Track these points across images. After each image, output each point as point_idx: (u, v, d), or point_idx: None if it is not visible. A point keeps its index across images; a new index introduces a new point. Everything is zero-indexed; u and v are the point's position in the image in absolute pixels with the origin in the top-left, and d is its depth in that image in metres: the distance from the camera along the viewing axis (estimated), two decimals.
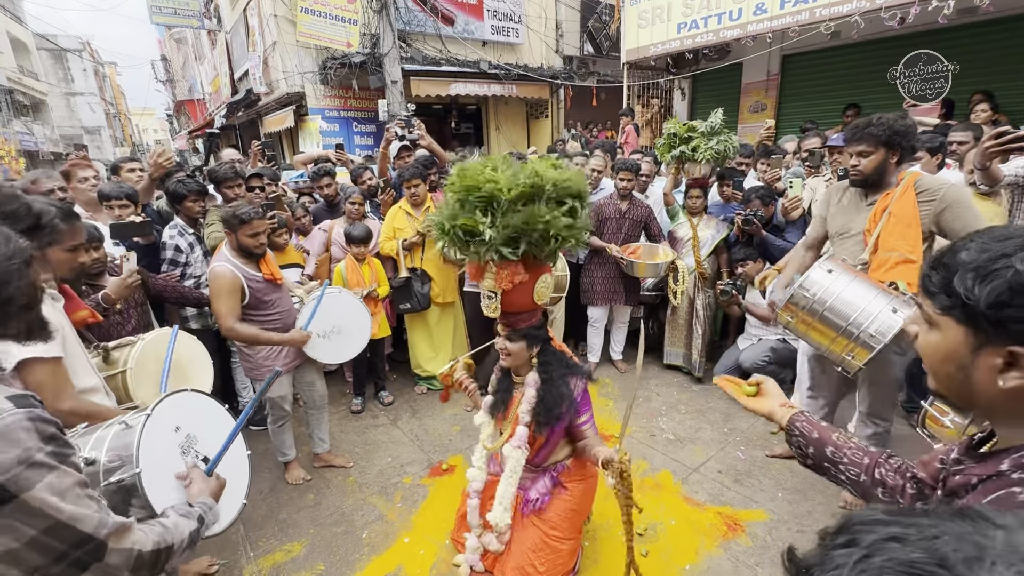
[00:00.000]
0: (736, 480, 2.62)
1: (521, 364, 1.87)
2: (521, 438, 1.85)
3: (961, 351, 0.61)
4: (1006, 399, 0.59)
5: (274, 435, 2.68)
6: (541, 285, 1.75)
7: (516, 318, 1.79)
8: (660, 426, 3.16)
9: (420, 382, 3.74)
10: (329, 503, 2.58)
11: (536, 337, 1.83)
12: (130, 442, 1.19)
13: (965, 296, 0.57)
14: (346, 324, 2.66)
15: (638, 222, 3.59)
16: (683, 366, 3.77)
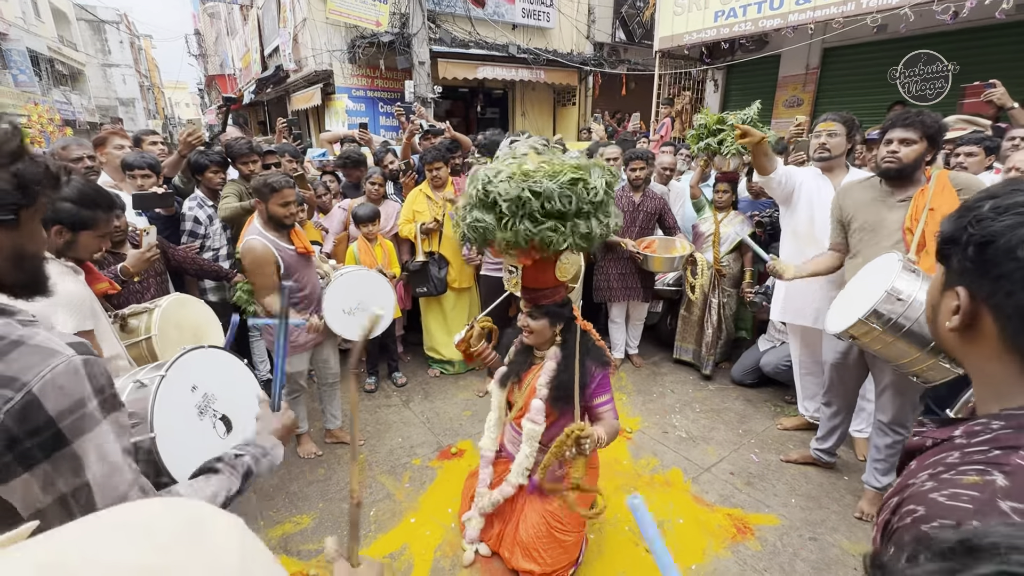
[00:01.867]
0: (748, 483, 2.57)
1: (543, 341, 1.85)
2: (537, 411, 1.84)
3: (935, 292, 0.65)
4: (957, 344, 0.61)
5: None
6: (565, 261, 1.72)
7: (538, 294, 1.77)
8: (673, 423, 3.13)
9: (433, 365, 3.76)
10: (339, 479, 2.62)
11: (559, 315, 1.80)
12: (145, 401, 1.16)
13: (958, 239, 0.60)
14: (370, 301, 2.69)
15: (652, 214, 3.52)
16: (692, 361, 3.74)
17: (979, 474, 0.52)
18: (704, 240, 3.49)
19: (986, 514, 0.47)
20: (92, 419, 0.73)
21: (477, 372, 3.72)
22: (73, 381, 0.70)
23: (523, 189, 1.49)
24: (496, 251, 1.72)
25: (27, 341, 0.70)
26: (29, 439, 0.66)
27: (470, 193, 1.64)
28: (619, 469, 2.65)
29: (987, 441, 0.55)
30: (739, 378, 3.52)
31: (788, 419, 3.11)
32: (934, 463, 0.58)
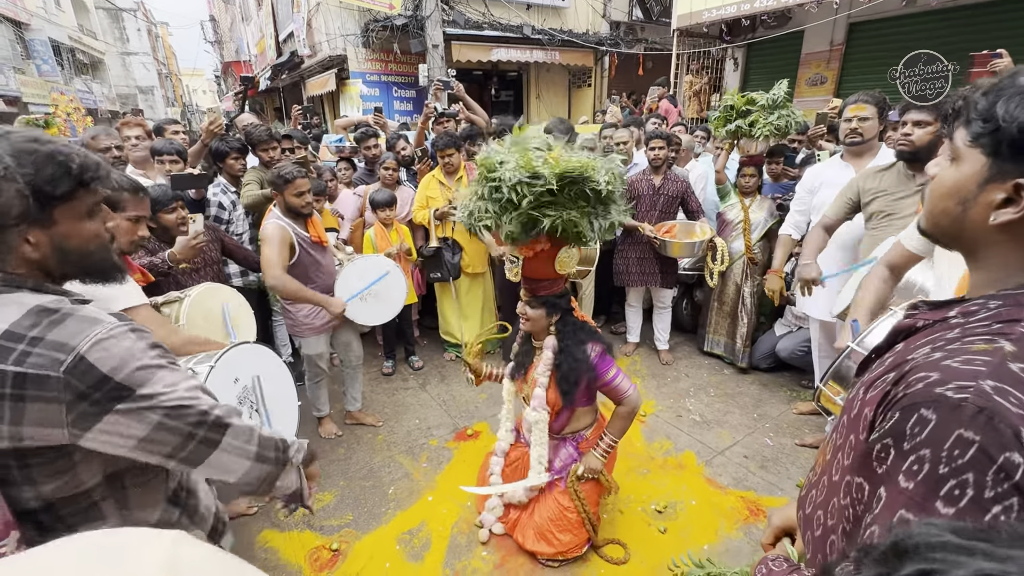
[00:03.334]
0: (762, 466, 2.58)
1: (540, 330, 1.89)
2: (539, 400, 1.89)
3: (970, 185, 0.59)
4: (993, 237, 0.58)
5: (310, 391, 2.81)
6: (564, 255, 1.74)
7: (537, 285, 1.80)
8: (687, 407, 3.14)
9: (449, 349, 3.81)
10: (359, 458, 2.71)
11: (556, 306, 1.83)
12: None
13: (1002, 118, 0.54)
14: (382, 289, 2.72)
15: (674, 198, 3.42)
16: (725, 356, 3.64)
17: (987, 342, 0.53)
18: (733, 228, 3.38)
19: (999, 376, 0.49)
20: (150, 368, 0.81)
21: (493, 356, 3.77)
22: (116, 343, 0.79)
23: (525, 180, 1.51)
24: (499, 239, 1.75)
25: (75, 313, 0.80)
26: (95, 391, 0.76)
27: (475, 178, 1.66)
28: (632, 452, 2.69)
29: (987, 317, 0.56)
30: (755, 362, 3.50)
31: (804, 404, 3.09)
32: (934, 339, 0.58)
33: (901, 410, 0.53)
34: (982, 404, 0.47)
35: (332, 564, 2.07)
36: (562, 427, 2.02)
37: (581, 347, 1.81)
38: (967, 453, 0.47)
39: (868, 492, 0.57)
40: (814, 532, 0.71)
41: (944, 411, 0.49)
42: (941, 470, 0.48)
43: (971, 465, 0.47)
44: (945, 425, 0.49)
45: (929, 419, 0.50)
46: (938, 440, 0.49)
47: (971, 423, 0.47)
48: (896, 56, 6.29)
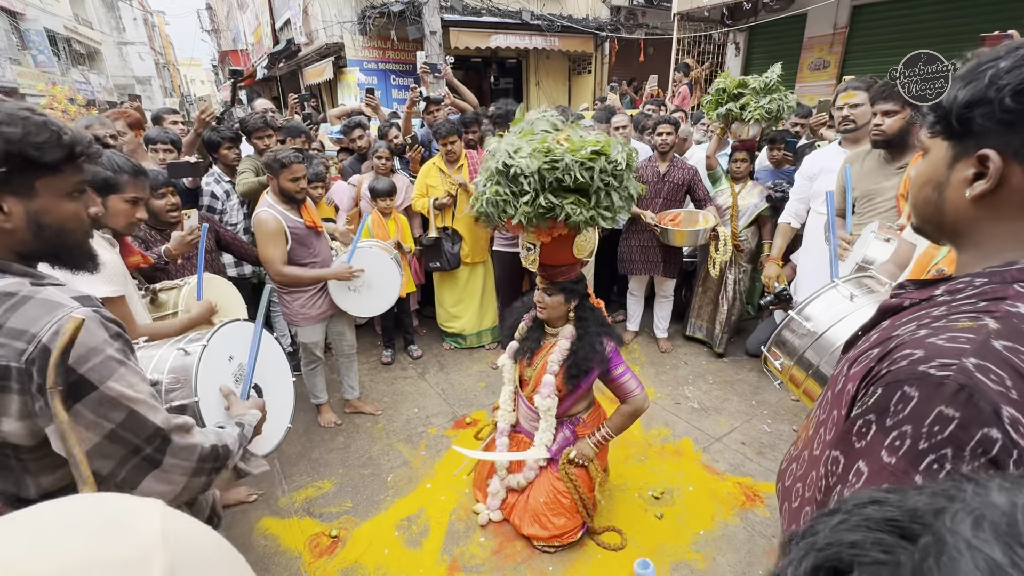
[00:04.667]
0: (759, 452, 2.59)
1: (557, 317, 1.87)
2: (548, 387, 1.89)
3: (940, 169, 0.61)
4: (973, 213, 0.60)
5: (307, 378, 2.82)
6: (582, 239, 1.74)
7: (555, 271, 1.79)
8: (685, 394, 3.14)
9: (447, 339, 3.81)
10: (358, 447, 2.72)
11: (574, 292, 1.82)
12: (189, 368, 1.26)
13: (947, 103, 0.58)
14: (376, 280, 2.71)
15: (679, 185, 3.38)
16: (704, 339, 3.68)
17: (971, 320, 0.54)
18: (722, 214, 3.38)
19: (982, 354, 0.50)
20: (113, 362, 0.78)
21: (489, 346, 3.77)
22: (83, 331, 0.74)
23: (544, 163, 1.49)
24: (514, 228, 1.72)
25: (35, 296, 0.75)
26: None
27: (489, 168, 1.64)
28: (630, 439, 2.69)
29: (972, 295, 0.57)
30: (753, 350, 3.49)
31: None
32: (919, 317, 0.60)
33: (884, 386, 0.54)
34: (964, 382, 0.49)
35: (331, 550, 2.08)
36: (563, 411, 2.03)
37: (599, 338, 1.82)
38: (947, 429, 0.48)
39: (843, 465, 0.57)
40: (791, 504, 0.72)
41: (927, 388, 0.50)
42: (921, 445, 0.50)
43: (950, 440, 0.48)
44: (927, 402, 0.50)
45: (912, 396, 0.51)
46: (920, 416, 0.50)
47: (952, 400, 0.48)
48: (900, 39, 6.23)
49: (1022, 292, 0.54)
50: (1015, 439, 0.46)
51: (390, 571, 1.98)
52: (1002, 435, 0.47)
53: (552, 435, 1.98)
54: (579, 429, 2.04)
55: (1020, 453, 0.46)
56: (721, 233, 3.24)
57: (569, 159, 1.48)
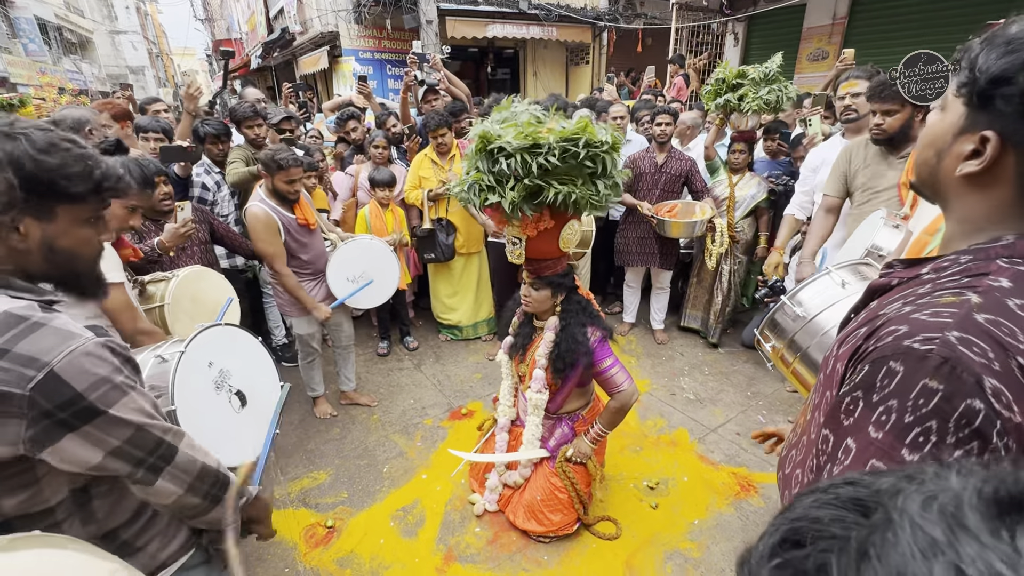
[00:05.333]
0: (754, 443, 2.58)
1: (544, 311, 1.87)
2: (539, 381, 1.88)
3: (947, 135, 0.60)
4: (960, 188, 0.60)
5: (303, 371, 2.81)
6: (568, 232, 1.72)
7: (541, 265, 1.77)
8: (681, 385, 3.15)
9: (443, 331, 3.81)
10: (353, 438, 2.72)
11: (561, 285, 1.81)
12: (166, 375, 1.22)
13: (978, 68, 0.55)
14: (374, 271, 2.70)
15: (677, 176, 3.37)
16: (700, 329, 3.69)
17: (955, 295, 0.54)
18: (719, 205, 3.37)
19: (964, 327, 0.50)
20: (122, 389, 0.79)
21: (486, 337, 3.78)
22: (93, 361, 0.76)
23: (528, 146, 1.47)
24: (499, 220, 1.70)
25: (48, 323, 0.75)
26: (62, 411, 0.73)
27: (472, 151, 1.62)
28: (626, 430, 2.69)
29: (957, 272, 0.58)
30: (749, 341, 3.50)
31: None
32: (906, 295, 0.60)
33: (871, 363, 0.54)
34: (946, 355, 0.49)
35: (327, 540, 2.09)
36: (558, 407, 2.02)
37: (582, 329, 1.80)
38: (931, 402, 0.49)
39: (833, 444, 0.58)
40: (791, 491, 0.72)
41: (911, 362, 0.51)
42: (907, 419, 0.50)
43: (935, 413, 0.49)
44: (912, 376, 0.51)
45: (897, 371, 0.52)
46: (905, 390, 0.51)
47: (936, 373, 0.49)
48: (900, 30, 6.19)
49: (1005, 267, 0.54)
50: (997, 409, 0.47)
51: (385, 561, 1.99)
52: (984, 405, 0.47)
53: (539, 431, 1.98)
54: (578, 426, 2.04)
55: (1003, 423, 0.47)
56: (718, 224, 3.24)
57: (553, 140, 1.46)
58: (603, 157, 1.54)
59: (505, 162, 1.50)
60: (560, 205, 1.55)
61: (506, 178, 1.54)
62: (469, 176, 1.63)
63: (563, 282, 1.81)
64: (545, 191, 1.53)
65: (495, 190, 1.57)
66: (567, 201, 1.54)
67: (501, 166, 1.51)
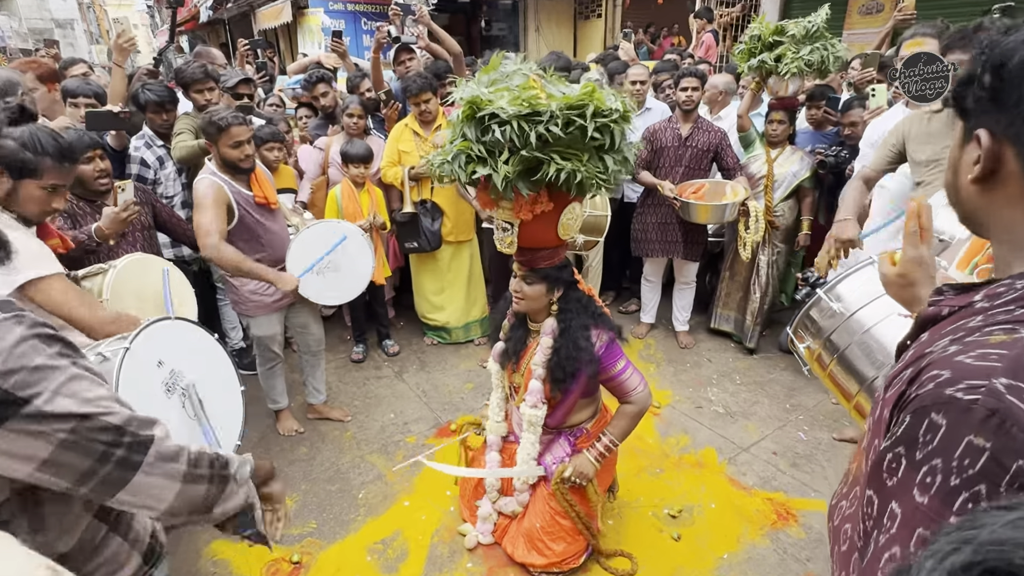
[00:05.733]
0: (793, 464, 2.62)
1: (538, 310, 1.87)
2: (536, 394, 1.89)
3: (956, 151, 0.67)
4: (979, 199, 0.64)
5: (263, 379, 2.81)
6: (568, 217, 1.71)
7: (536, 255, 1.77)
8: (709, 396, 3.17)
9: (428, 333, 3.82)
10: (323, 458, 2.73)
11: (558, 279, 1.81)
12: (109, 375, 1.22)
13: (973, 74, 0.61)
14: (344, 261, 2.69)
15: (705, 151, 3.37)
16: (733, 333, 3.70)
17: (1006, 333, 0.54)
18: (755, 183, 3.37)
19: (1015, 372, 0.50)
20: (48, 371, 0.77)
21: (479, 340, 3.79)
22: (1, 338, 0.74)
23: (525, 112, 1.47)
24: (487, 200, 1.70)
25: None
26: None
27: (457, 117, 1.61)
28: (644, 448, 2.71)
29: (1012, 301, 0.58)
30: (788, 345, 3.52)
31: None
32: (955, 329, 0.61)
33: (912, 414, 0.55)
34: (993, 406, 0.49)
35: None
36: (559, 422, 2.02)
37: (584, 332, 1.80)
38: (978, 462, 0.49)
39: (878, 507, 0.58)
40: (840, 547, 0.73)
41: (954, 415, 0.51)
42: (952, 482, 0.50)
43: (983, 475, 0.48)
44: (955, 430, 0.50)
45: (939, 424, 0.52)
46: (949, 448, 0.51)
47: (982, 428, 0.49)
48: None
49: None
50: None
51: None
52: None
53: (536, 450, 1.98)
54: (580, 442, 2.04)
55: None
56: (752, 208, 3.24)
57: (555, 107, 1.46)
58: (612, 128, 1.54)
59: (499, 130, 1.49)
60: (561, 184, 1.55)
61: (499, 148, 1.54)
62: (454, 145, 1.62)
63: (560, 276, 1.81)
64: (544, 166, 1.52)
65: (486, 162, 1.57)
66: (570, 180, 1.54)
67: (494, 135, 1.50)
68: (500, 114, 1.48)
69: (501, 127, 1.49)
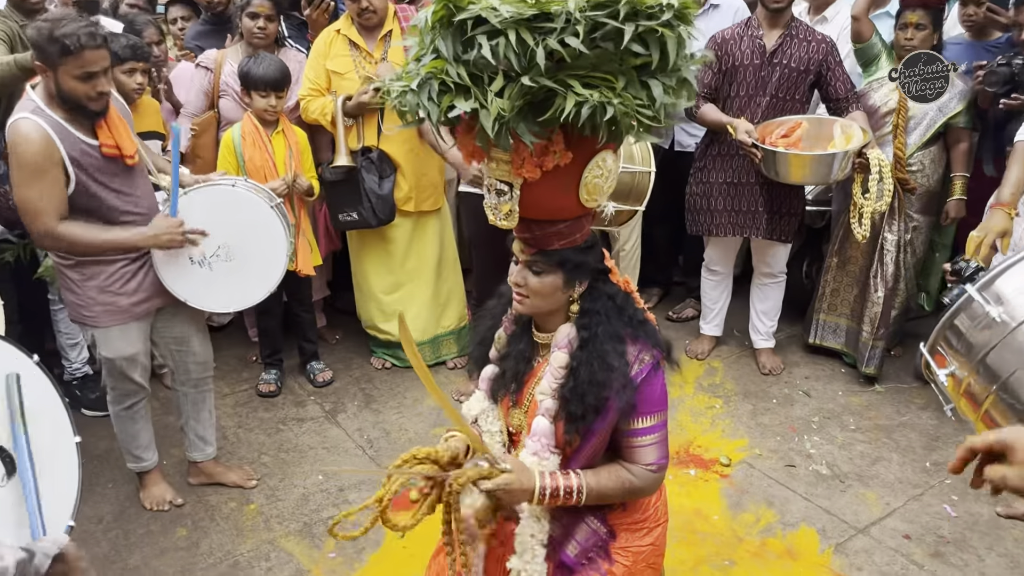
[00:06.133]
0: (936, 554, 2.60)
1: (551, 312, 1.84)
2: (543, 436, 1.84)
3: None
4: None
5: (119, 425, 2.77)
6: (595, 173, 1.69)
7: (547, 231, 1.74)
8: (806, 449, 3.15)
9: (377, 352, 3.82)
10: (213, 545, 2.70)
11: (580, 266, 1.78)
12: None
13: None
14: (244, 243, 2.67)
15: (802, 72, 3.36)
16: (842, 350, 3.71)
17: None
18: (879, 121, 3.37)
19: None
20: None
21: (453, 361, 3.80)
22: None
23: (528, 15, 1.43)
24: (472, 150, 1.67)
25: None
26: None
27: (423, 22, 1.58)
28: (706, 529, 2.70)
29: None
30: (924, 372, 3.51)
31: None
32: None
33: None
34: None
35: None
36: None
37: (617, 345, 1.77)
38: None
39: None
40: None
41: None
42: None
43: None
44: None
45: None
46: None
47: None
48: None
49: None
50: None
51: None
52: None
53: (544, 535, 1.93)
54: (613, 519, 2.01)
55: None
56: (875, 160, 3.19)
57: (573, 6, 1.43)
58: (662, 34, 1.52)
59: (488, 44, 1.46)
60: (583, 125, 1.52)
61: (489, 73, 1.51)
62: (421, 65, 1.59)
63: (584, 261, 1.78)
64: (557, 99, 1.49)
65: (469, 91, 1.54)
66: (597, 117, 1.51)
67: (480, 52, 1.47)
68: (490, 19, 1.45)
69: (492, 39, 1.46)
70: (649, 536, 2.00)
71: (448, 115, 1.58)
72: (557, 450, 1.88)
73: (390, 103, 1.68)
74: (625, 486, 1.86)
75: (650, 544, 1.99)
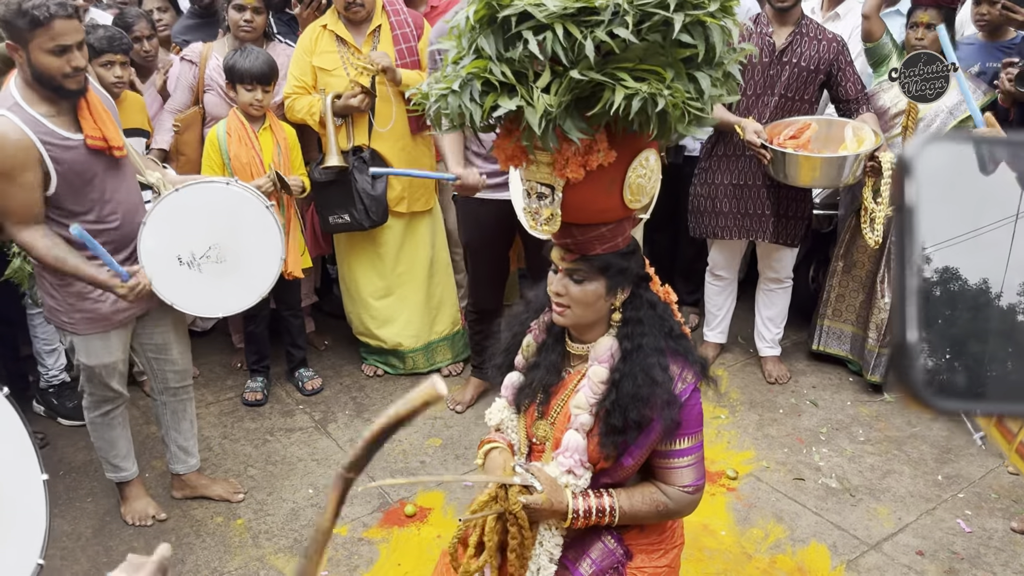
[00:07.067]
0: (950, 570, 2.60)
1: (592, 322, 1.84)
2: (576, 452, 1.84)
3: None
4: None
5: (95, 431, 2.76)
6: (639, 172, 1.70)
7: (590, 236, 1.76)
8: (816, 462, 3.15)
9: (369, 360, 3.81)
10: (199, 562, 2.68)
11: (623, 272, 1.79)
12: None
13: None
14: (236, 245, 2.66)
15: (811, 72, 3.37)
16: (846, 357, 3.72)
17: None
18: (888, 124, 3.38)
19: None
20: None
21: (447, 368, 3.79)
22: None
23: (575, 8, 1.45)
24: (511, 152, 1.68)
25: None
26: None
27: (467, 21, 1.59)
28: (714, 546, 2.69)
29: None
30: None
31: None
32: None
33: None
34: None
35: None
36: None
37: (661, 359, 1.78)
38: None
39: None
40: None
41: None
42: None
43: None
44: None
45: None
46: None
47: None
48: None
49: None
50: None
51: None
52: None
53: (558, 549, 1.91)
54: (630, 539, 2.00)
55: None
56: (886, 163, 3.21)
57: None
58: (708, 26, 1.51)
59: (534, 39, 1.47)
60: (632, 120, 1.52)
61: (536, 69, 1.53)
62: (461, 67, 1.60)
63: (627, 267, 1.79)
64: (606, 93, 1.51)
65: (514, 90, 1.55)
66: (647, 112, 1.51)
67: (527, 47, 1.49)
68: (535, 14, 1.46)
69: (538, 34, 1.47)
70: (665, 558, 1.99)
71: (493, 115, 1.61)
72: (589, 465, 1.89)
73: (427, 108, 1.70)
74: (659, 508, 1.87)
75: (666, 566, 1.99)
